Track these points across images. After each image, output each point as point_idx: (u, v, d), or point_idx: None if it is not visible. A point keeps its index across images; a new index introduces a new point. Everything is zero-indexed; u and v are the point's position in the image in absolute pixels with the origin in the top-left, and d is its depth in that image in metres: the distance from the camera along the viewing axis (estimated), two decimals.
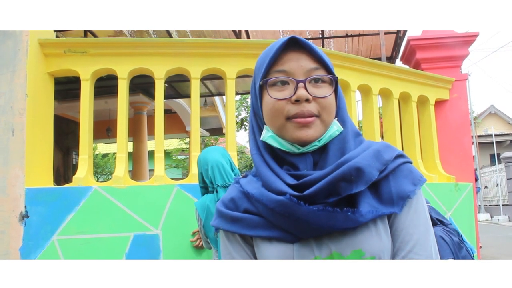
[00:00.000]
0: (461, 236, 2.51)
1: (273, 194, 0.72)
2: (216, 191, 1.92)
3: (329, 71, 0.76)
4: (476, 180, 6.11)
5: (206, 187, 2.03)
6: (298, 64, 0.74)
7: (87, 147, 2.80)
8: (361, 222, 0.68)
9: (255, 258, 0.78)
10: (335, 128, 0.76)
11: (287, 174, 0.74)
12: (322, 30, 5.67)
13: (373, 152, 0.73)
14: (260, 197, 0.73)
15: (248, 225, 0.75)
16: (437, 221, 2.27)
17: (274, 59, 0.75)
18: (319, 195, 0.69)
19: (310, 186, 0.70)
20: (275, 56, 0.75)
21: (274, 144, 0.76)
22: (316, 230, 0.70)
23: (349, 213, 0.68)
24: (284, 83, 0.75)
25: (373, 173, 0.70)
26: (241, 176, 0.85)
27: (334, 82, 0.76)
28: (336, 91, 0.77)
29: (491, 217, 14.22)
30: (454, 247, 2.23)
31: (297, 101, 0.72)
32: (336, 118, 0.77)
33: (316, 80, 0.75)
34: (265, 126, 0.78)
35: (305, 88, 0.73)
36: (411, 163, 0.77)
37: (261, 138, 0.78)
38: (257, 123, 0.81)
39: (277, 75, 0.75)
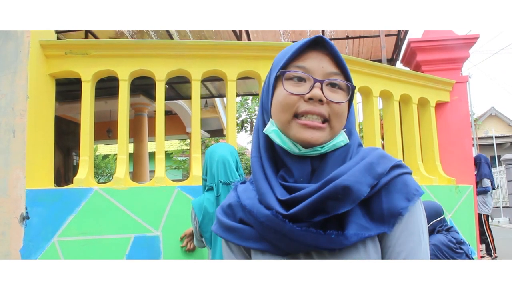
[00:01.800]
0: (465, 242, 2.54)
1: (263, 208, 0.71)
2: (217, 188, 1.94)
3: (347, 78, 0.75)
4: (480, 180, 6.03)
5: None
6: (319, 64, 0.73)
7: (88, 148, 2.80)
8: (346, 245, 0.67)
9: None
10: (341, 138, 0.74)
11: (280, 185, 0.72)
12: (323, 31, 5.67)
13: (365, 166, 0.70)
14: (252, 209, 0.73)
15: (241, 236, 0.75)
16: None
17: (296, 54, 0.74)
18: (304, 213, 0.67)
19: (298, 202, 0.68)
20: (298, 51, 0.73)
21: (276, 140, 0.74)
22: (303, 247, 0.69)
23: (332, 236, 0.66)
24: (301, 79, 0.73)
25: (363, 190, 0.67)
26: (243, 180, 0.85)
27: (350, 90, 0.75)
28: (350, 100, 0.76)
29: (492, 219, 14.19)
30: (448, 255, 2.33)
31: (310, 99, 0.71)
32: (344, 130, 0.75)
33: (334, 85, 0.73)
34: (270, 119, 0.76)
35: (321, 89, 0.71)
36: (409, 173, 0.73)
37: (264, 131, 0.76)
38: (263, 121, 0.79)
39: (296, 70, 0.73)
